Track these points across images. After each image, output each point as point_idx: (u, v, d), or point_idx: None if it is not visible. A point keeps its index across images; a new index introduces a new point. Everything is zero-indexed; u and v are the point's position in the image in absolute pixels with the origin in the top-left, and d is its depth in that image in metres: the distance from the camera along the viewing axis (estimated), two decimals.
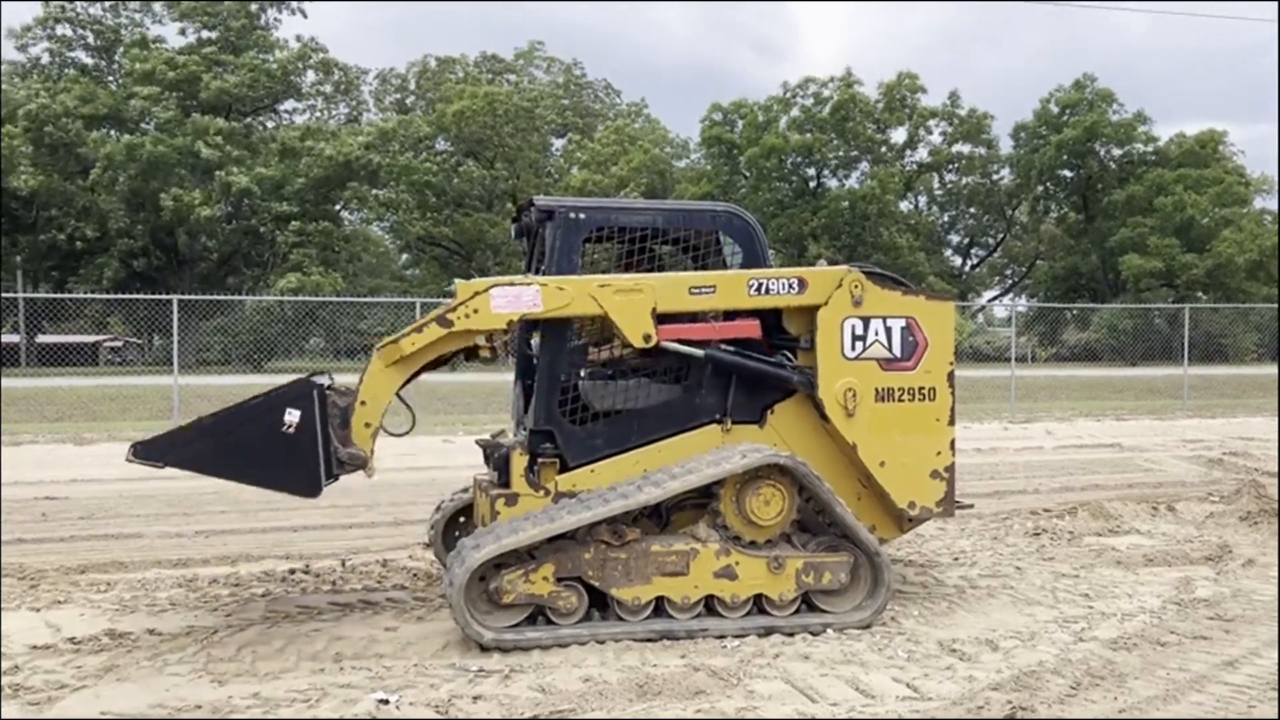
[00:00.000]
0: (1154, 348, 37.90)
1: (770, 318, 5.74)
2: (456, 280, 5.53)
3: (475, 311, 5.31)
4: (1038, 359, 43.87)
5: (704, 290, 5.54)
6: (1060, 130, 52.28)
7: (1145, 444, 14.98)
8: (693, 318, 5.65)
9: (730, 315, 5.65)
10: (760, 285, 5.58)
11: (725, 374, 5.65)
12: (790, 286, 5.61)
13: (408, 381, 5.52)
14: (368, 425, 5.32)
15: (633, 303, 5.39)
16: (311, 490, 5.13)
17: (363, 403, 5.32)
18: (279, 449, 5.05)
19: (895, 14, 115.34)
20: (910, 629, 5.44)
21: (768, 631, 5.27)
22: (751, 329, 5.64)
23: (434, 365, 5.61)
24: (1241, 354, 42.39)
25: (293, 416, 5.05)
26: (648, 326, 5.41)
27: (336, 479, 5.35)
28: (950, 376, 5.77)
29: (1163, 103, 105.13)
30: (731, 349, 5.62)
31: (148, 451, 4.99)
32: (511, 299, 5.32)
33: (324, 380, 5.43)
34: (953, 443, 5.78)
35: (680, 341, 5.54)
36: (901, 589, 6.21)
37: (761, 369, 5.63)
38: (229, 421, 5.09)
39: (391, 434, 5.65)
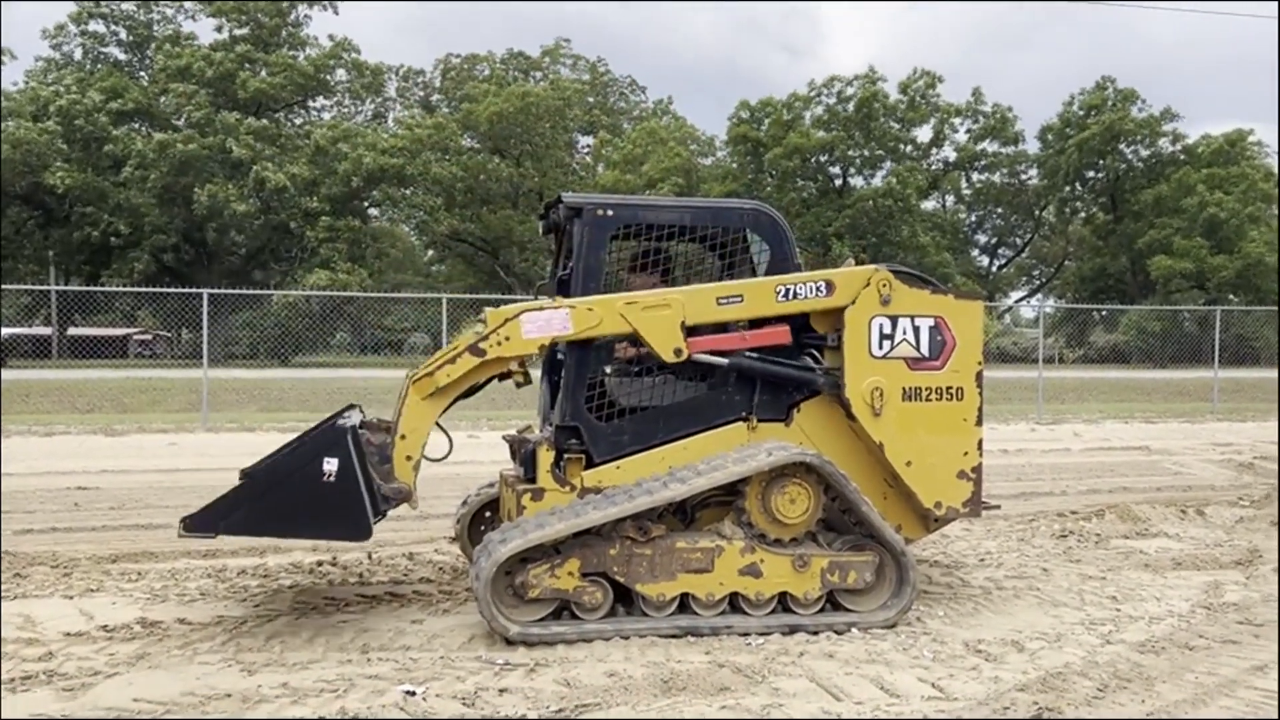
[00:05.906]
0: (1183, 350, 37.47)
1: (798, 319, 5.72)
2: (486, 310, 5.52)
3: (507, 339, 5.35)
4: (1065, 360, 43.51)
5: (731, 300, 5.52)
6: (1084, 129, 51.81)
7: (1174, 447, 14.83)
8: (723, 327, 5.62)
9: (759, 323, 5.63)
10: (788, 291, 5.55)
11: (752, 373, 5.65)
12: (818, 289, 5.58)
13: (444, 410, 5.53)
14: (409, 458, 5.36)
15: (662, 319, 5.40)
16: (362, 534, 5.10)
17: (403, 436, 5.36)
18: (323, 499, 5.00)
19: (922, 17, 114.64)
20: (936, 629, 5.43)
21: (792, 630, 5.27)
22: (781, 335, 5.61)
23: (469, 393, 5.62)
24: (1273, 356, 41.81)
25: (331, 465, 5.00)
26: (678, 341, 5.41)
27: (384, 515, 5.35)
28: (978, 376, 5.74)
29: (1194, 106, 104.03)
30: (755, 355, 5.61)
31: (198, 524, 4.97)
32: (542, 324, 5.34)
33: (354, 418, 5.44)
34: (980, 443, 5.75)
35: (708, 353, 5.54)
36: (927, 589, 6.19)
37: (786, 374, 5.63)
38: (269, 479, 5.06)
39: (431, 460, 5.62)
